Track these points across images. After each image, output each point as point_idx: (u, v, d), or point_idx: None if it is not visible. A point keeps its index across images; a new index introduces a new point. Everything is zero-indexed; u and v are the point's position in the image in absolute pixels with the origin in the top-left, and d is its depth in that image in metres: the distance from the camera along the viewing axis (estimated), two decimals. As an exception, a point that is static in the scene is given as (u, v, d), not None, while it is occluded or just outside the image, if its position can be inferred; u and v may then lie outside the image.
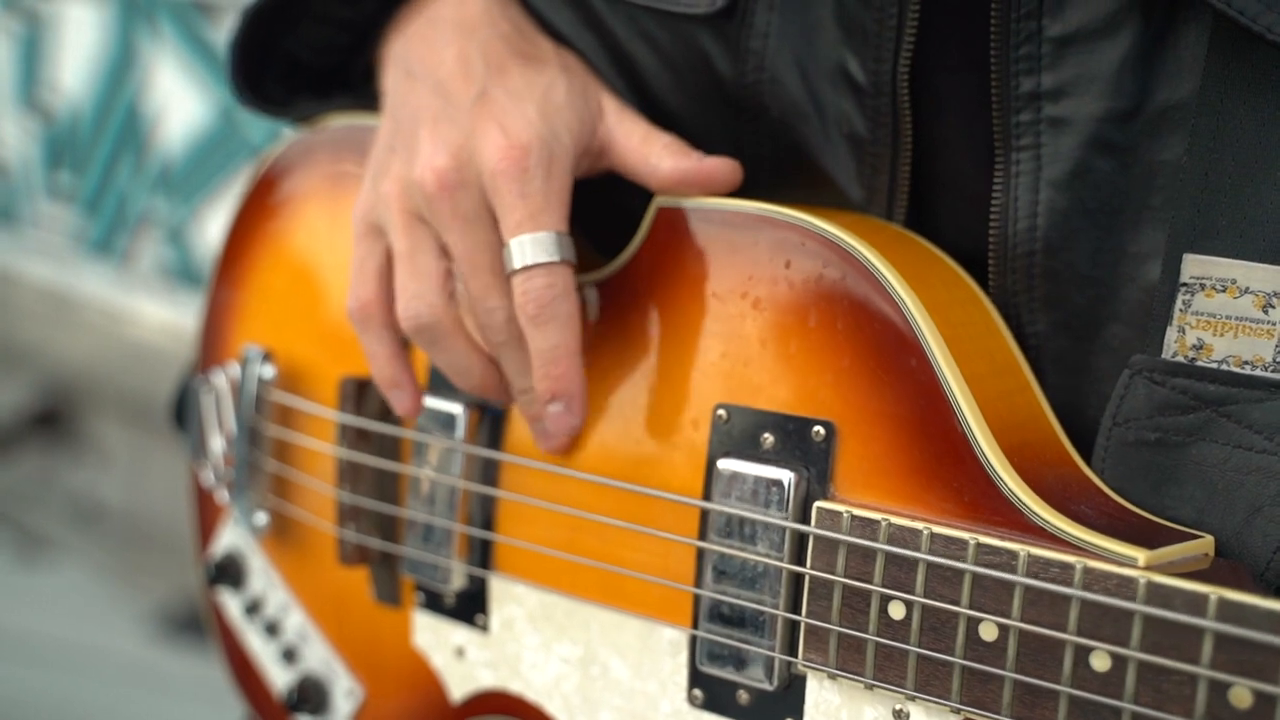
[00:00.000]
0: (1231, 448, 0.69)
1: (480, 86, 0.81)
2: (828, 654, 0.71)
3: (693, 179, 0.79)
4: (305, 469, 0.98)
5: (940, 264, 0.77)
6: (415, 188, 0.80)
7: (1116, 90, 0.72)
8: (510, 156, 0.77)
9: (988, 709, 0.66)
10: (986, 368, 0.72)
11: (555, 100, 0.80)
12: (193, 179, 3.77)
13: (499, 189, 0.78)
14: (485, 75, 0.81)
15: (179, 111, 3.75)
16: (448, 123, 0.80)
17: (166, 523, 3.55)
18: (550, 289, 0.78)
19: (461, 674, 0.90)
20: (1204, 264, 0.70)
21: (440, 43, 0.85)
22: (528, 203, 0.77)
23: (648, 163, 0.80)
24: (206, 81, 3.67)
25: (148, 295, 3.95)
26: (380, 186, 0.83)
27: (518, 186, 0.77)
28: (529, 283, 0.78)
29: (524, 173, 0.77)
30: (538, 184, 0.78)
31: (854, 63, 0.78)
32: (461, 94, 0.81)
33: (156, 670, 2.96)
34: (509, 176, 0.77)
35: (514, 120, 0.78)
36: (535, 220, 0.77)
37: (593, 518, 0.81)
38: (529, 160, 0.77)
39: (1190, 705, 0.61)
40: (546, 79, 0.81)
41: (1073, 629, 0.64)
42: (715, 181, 0.79)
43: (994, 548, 0.66)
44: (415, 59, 0.86)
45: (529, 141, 0.78)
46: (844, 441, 0.72)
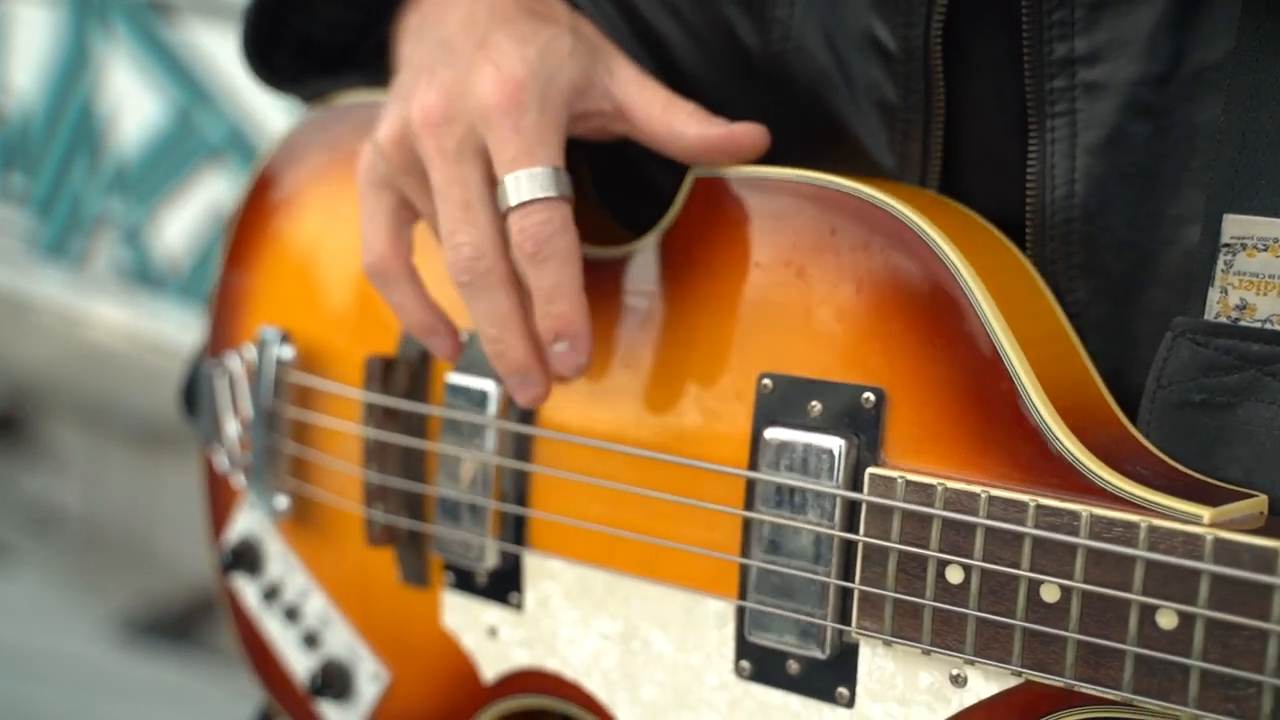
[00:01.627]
0: (1279, 407, 0.70)
1: (482, 34, 0.80)
2: (883, 621, 0.71)
3: (720, 146, 0.79)
4: (327, 450, 0.97)
5: (983, 229, 0.77)
6: (407, 129, 0.79)
7: (1151, 53, 0.72)
8: (504, 90, 0.76)
9: (1050, 670, 0.66)
10: (1037, 332, 0.72)
11: (558, 49, 0.79)
12: (149, 180, 3.72)
13: (491, 123, 0.77)
14: (487, 25, 0.80)
15: (134, 111, 3.71)
16: (445, 67, 0.79)
17: (125, 527, 3.52)
18: (548, 224, 0.76)
19: (494, 654, 0.89)
20: (1245, 224, 0.71)
21: (451, 5, 0.84)
22: (522, 137, 0.76)
23: (671, 130, 0.80)
24: (162, 81, 3.62)
25: (104, 298, 3.90)
26: (376, 137, 0.82)
27: (511, 120, 0.76)
28: (526, 219, 0.76)
29: (518, 106, 0.76)
30: (532, 117, 0.76)
31: (883, 29, 0.78)
32: (463, 43, 0.80)
33: (119, 675, 2.92)
34: (502, 110, 0.76)
35: (509, 58, 0.77)
36: (531, 155, 0.76)
37: (635, 490, 0.81)
38: (523, 95, 0.76)
39: (1261, 660, 0.61)
40: (552, 31, 0.80)
41: (1138, 588, 0.64)
42: (743, 148, 0.79)
43: (1055, 509, 0.66)
44: (428, 24, 0.86)
45: (523, 77, 0.76)
46: (894, 408, 0.72)
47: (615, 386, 0.82)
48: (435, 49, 0.81)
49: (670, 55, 0.85)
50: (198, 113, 3.56)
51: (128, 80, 3.69)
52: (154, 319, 3.78)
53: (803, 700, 0.75)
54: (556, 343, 0.77)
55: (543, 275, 0.76)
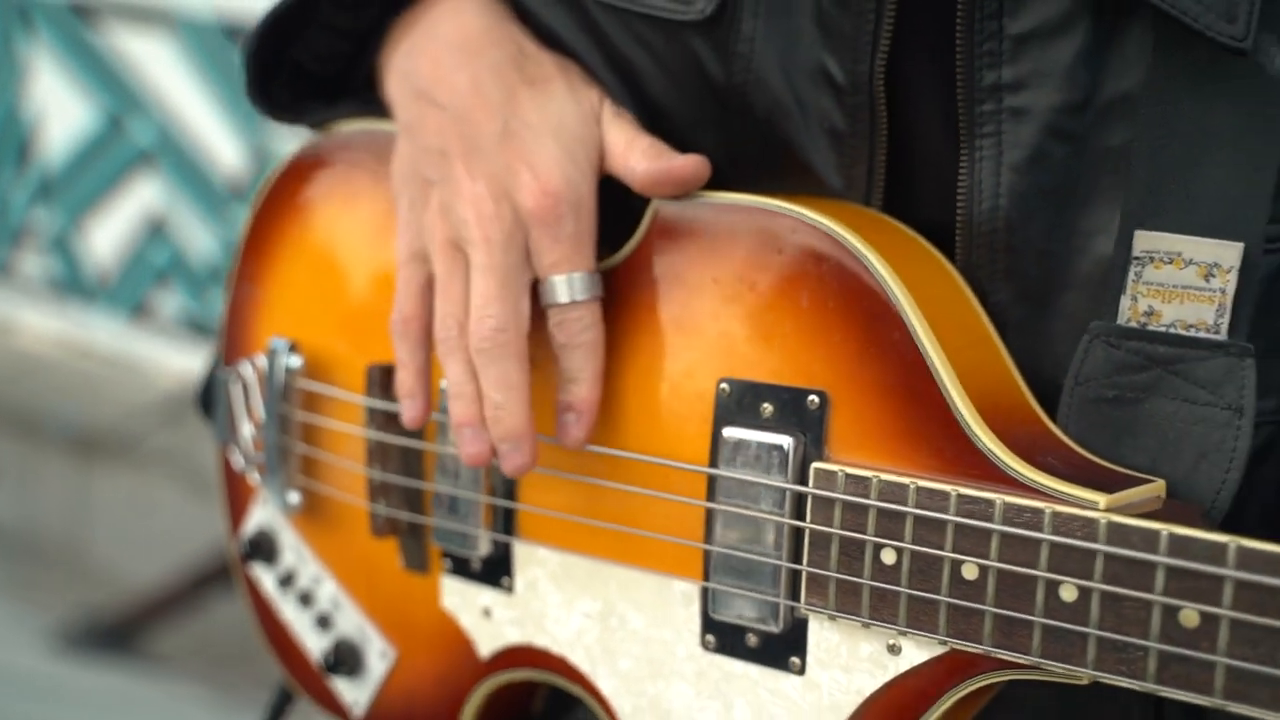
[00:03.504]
0: (1180, 401, 0.78)
1: (502, 121, 0.89)
2: (828, 598, 0.80)
3: (663, 179, 0.88)
4: (334, 450, 1.06)
5: (915, 244, 0.85)
6: (459, 221, 0.89)
7: (1070, 83, 0.81)
8: (544, 204, 0.87)
9: (971, 639, 0.75)
10: (961, 339, 0.81)
11: (570, 128, 0.89)
12: (76, 187, 3.76)
13: (535, 234, 0.88)
14: (502, 105, 0.89)
15: (60, 117, 3.73)
16: (479, 158, 0.89)
17: (60, 537, 3.55)
18: (582, 320, 0.88)
19: (489, 632, 0.99)
20: (1153, 239, 0.79)
21: (449, 66, 0.92)
22: (562, 245, 0.87)
23: (627, 165, 0.89)
24: (89, 86, 3.65)
25: (32, 306, 3.93)
26: (423, 217, 0.92)
27: (553, 231, 0.87)
28: (567, 314, 0.88)
29: (558, 220, 0.87)
30: (570, 228, 0.87)
31: (833, 63, 0.86)
32: (485, 127, 0.90)
33: (59, 686, 2.96)
34: (544, 223, 0.87)
35: (540, 160, 0.88)
36: (571, 261, 0.88)
37: (609, 485, 0.90)
38: (562, 207, 0.87)
39: (1146, 628, 0.70)
40: (556, 104, 0.89)
41: (1044, 566, 0.73)
42: (685, 180, 0.88)
43: (973, 498, 0.75)
44: (425, 80, 0.94)
45: (559, 189, 0.87)
46: (836, 409, 0.81)
47: (590, 391, 0.91)
48: (455, 126, 0.90)
49: (640, 84, 0.93)
50: (128, 117, 3.60)
51: (53, 85, 3.72)
52: (84, 327, 3.83)
53: (761, 669, 0.85)
54: (566, 414, 0.88)
55: (569, 360, 0.88)
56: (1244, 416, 0.77)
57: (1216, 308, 0.78)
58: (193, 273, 3.67)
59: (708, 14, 0.88)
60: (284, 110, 1.10)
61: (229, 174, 3.53)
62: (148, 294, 3.79)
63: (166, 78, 3.55)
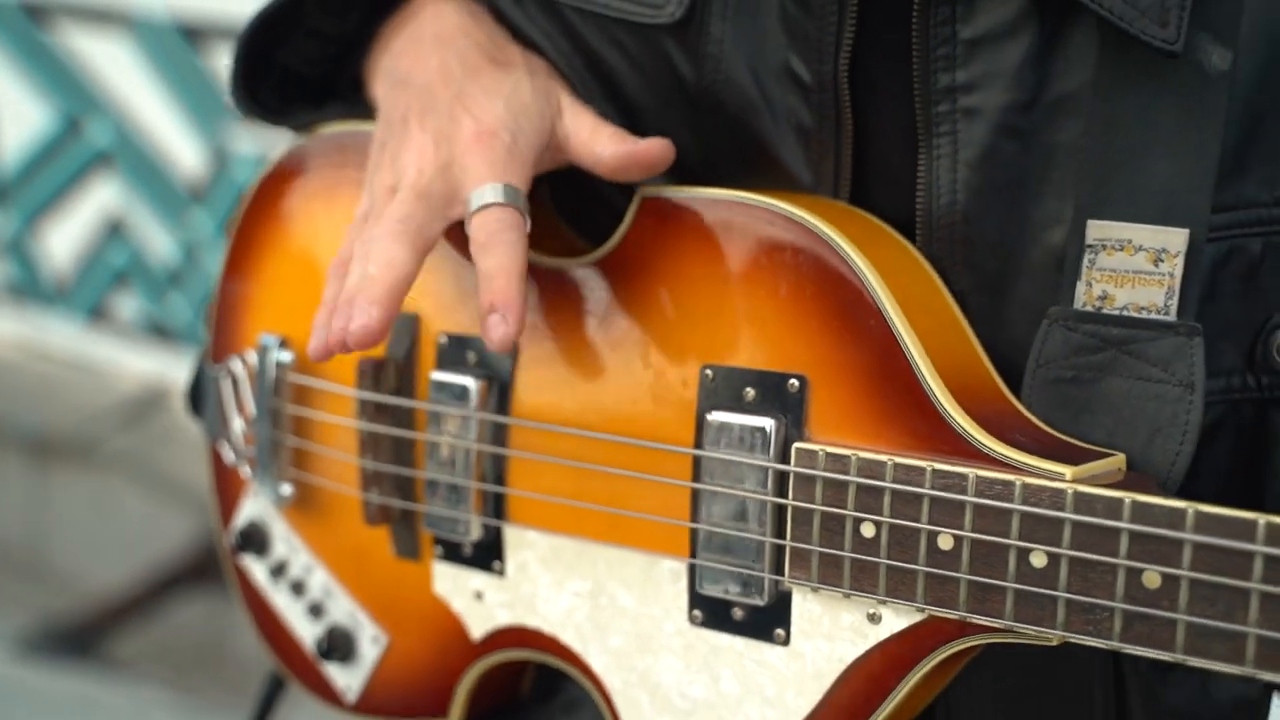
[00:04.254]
0: (1134, 380, 0.83)
1: (458, 87, 0.93)
2: (810, 571, 0.85)
3: (630, 161, 0.92)
4: (325, 442, 1.09)
5: (886, 235, 0.90)
6: (400, 168, 0.93)
7: (1018, 83, 0.85)
8: (480, 135, 0.91)
9: (947, 606, 0.80)
10: (932, 323, 0.85)
11: (521, 98, 0.93)
12: (32, 189, 3.73)
13: (467, 162, 0.90)
14: (462, 78, 0.94)
15: (14, 119, 3.70)
16: (430, 115, 0.93)
17: (20, 542, 3.54)
18: (500, 221, 0.89)
19: (481, 615, 1.02)
20: (1104, 228, 0.84)
21: (424, 54, 0.98)
22: (491, 168, 0.90)
23: (593, 152, 0.93)
24: (44, 87, 3.63)
25: None
26: (374, 179, 0.95)
27: (486, 155, 0.90)
28: (484, 216, 0.89)
29: (490, 148, 0.90)
30: (501, 155, 0.90)
31: (799, 63, 0.90)
32: (442, 93, 0.94)
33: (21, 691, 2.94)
34: (476, 150, 0.90)
35: (484, 111, 0.91)
36: (495, 174, 0.90)
37: (598, 469, 0.94)
38: (496, 140, 0.91)
39: (1112, 589, 0.75)
40: (513, 80, 0.94)
41: (1015, 535, 0.77)
42: (651, 160, 0.92)
43: (947, 472, 0.79)
44: (404, 70, 0.99)
45: (496, 128, 0.91)
46: (815, 391, 0.86)
47: (579, 379, 0.95)
48: (416, 96, 0.94)
49: (616, 83, 0.98)
50: (85, 118, 3.58)
51: (6, 87, 3.69)
52: (41, 330, 3.81)
53: (746, 641, 0.89)
54: (491, 314, 0.88)
55: (489, 258, 0.88)
56: (1195, 392, 0.82)
57: (1166, 290, 0.83)
58: (152, 275, 3.66)
59: (677, 17, 0.92)
60: (271, 113, 1.13)
61: (188, 175, 3.53)
62: (106, 296, 3.78)
63: (123, 78, 3.55)
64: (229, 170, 3.45)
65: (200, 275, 3.58)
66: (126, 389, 3.64)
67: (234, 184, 3.45)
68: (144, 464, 3.43)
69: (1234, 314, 0.86)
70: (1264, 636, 0.71)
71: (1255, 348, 0.87)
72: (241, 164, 3.41)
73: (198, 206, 3.53)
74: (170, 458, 3.41)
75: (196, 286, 3.59)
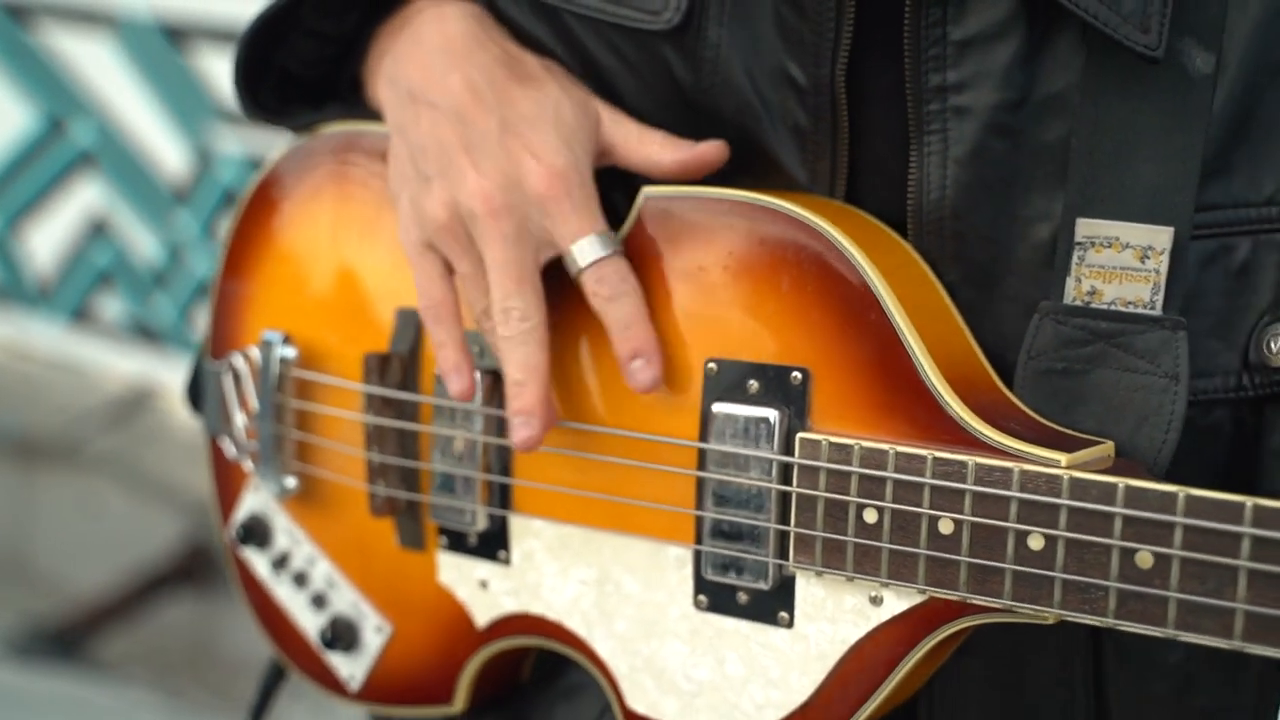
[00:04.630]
0: (1122, 371, 0.87)
1: (499, 117, 0.95)
2: (814, 555, 0.88)
3: (691, 164, 0.95)
4: (330, 435, 1.12)
5: (882, 232, 0.93)
6: (466, 213, 0.94)
7: (1007, 84, 0.89)
8: (554, 183, 0.93)
9: (948, 588, 0.84)
10: (929, 317, 0.89)
11: (566, 122, 0.95)
12: (15, 190, 3.72)
13: (549, 210, 0.93)
14: (497, 103, 0.95)
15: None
16: (481, 152, 0.94)
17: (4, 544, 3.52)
18: (618, 272, 0.93)
19: (486, 603, 1.05)
20: (1093, 226, 0.88)
21: (439, 69, 0.98)
22: (580, 214, 0.93)
23: (649, 159, 0.96)
24: (27, 87, 3.61)
25: None
26: (427, 211, 0.96)
27: (567, 204, 0.93)
28: (600, 271, 0.93)
29: (569, 194, 0.93)
30: (578, 196, 0.93)
31: (795, 67, 0.93)
32: (483, 124, 0.95)
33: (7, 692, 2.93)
34: (556, 199, 0.93)
35: (543, 148, 0.93)
36: (591, 225, 0.93)
37: (603, 459, 0.97)
38: (570, 183, 0.93)
39: (1107, 569, 0.79)
40: (551, 101, 0.95)
41: (1013, 519, 0.81)
42: (710, 162, 0.95)
43: (947, 460, 0.83)
44: (416, 83, 0.99)
45: (563, 168, 0.93)
46: (818, 384, 0.89)
47: (584, 373, 0.98)
48: (453, 124, 0.95)
49: (613, 87, 1.00)
50: (69, 118, 3.57)
51: None
52: (24, 331, 3.79)
53: (751, 624, 0.92)
54: (634, 360, 0.93)
55: (619, 310, 0.93)
56: (1180, 383, 0.86)
57: (1152, 286, 0.87)
58: (135, 275, 3.65)
59: (675, 24, 0.95)
60: (271, 114, 1.15)
61: (172, 176, 3.52)
62: (89, 297, 3.76)
63: (106, 79, 3.54)
64: (213, 171, 3.44)
65: (184, 276, 3.57)
66: (111, 390, 3.63)
67: (218, 185, 3.44)
68: (129, 465, 3.42)
69: (1224, 312, 0.90)
70: (1251, 612, 0.75)
71: (1248, 346, 0.90)
72: (225, 165, 3.40)
73: (181, 207, 3.52)
74: (155, 458, 3.41)
75: (181, 287, 3.58)
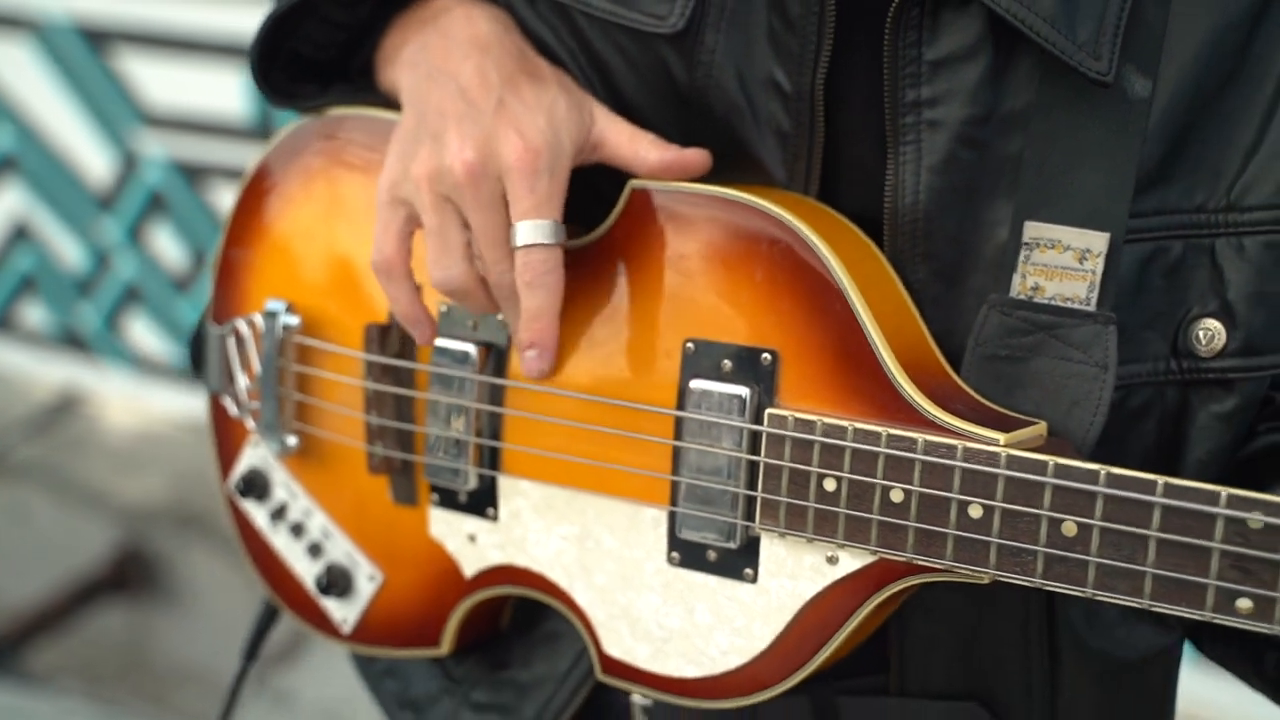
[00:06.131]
0: (1058, 360, 0.98)
1: (498, 95, 1.03)
2: (778, 519, 0.98)
3: (673, 165, 1.04)
4: (329, 398, 1.20)
5: (847, 228, 1.03)
6: (446, 174, 1.02)
7: (975, 100, 0.99)
8: (525, 157, 1.00)
9: (896, 549, 0.94)
10: (887, 307, 0.99)
11: (559, 113, 1.03)
12: None
13: (513, 182, 1.01)
14: (500, 86, 1.04)
15: None
16: (471, 122, 1.02)
17: None
18: (544, 264, 1.01)
19: (473, 555, 1.15)
20: (1039, 228, 0.98)
21: (458, 55, 1.07)
22: (535, 196, 1.01)
23: (638, 155, 1.05)
24: None
25: None
26: (410, 168, 1.04)
27: (529, 182, 1.00)
28: (528, 257, 1.01)
29: (535, 172, 1.00)
30: (544, 181, 1.01)
31: (781, 74, 1.03)
32: (482, 100, 1.03)
33: None
34: (522, 173, 1.00)
35: (528, 127, 1.01)
36: (539, 210, 1.01)
37: (588, 427, 1.06)
38: (540, 162, 1.01)
39: (1036, 536, 0.89)
40: (550, 95, 1.04)
41: (956, 490, 0.92)
42: (691, 167, 1.04)
43: (900, 436, 0.93)
44: (437, 64, 1.08)
45: (540, 146, 1.01)
46: (785, 365, 0.99)
47: (570, 348, 1.07)
48: (455, 98, 1.03)
49: (615, 82, 1.09)
50: None
51: None
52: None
53: (719, 579, 1.02)
54: (530, 350, 1.03)
55: (531, 298, 1.02)
56: (1108, 372, 0.97)
57: (1088, 285, 0.98)
58: (60, 281, 3.65)
59: (679, 28, 1.04)
60: (279, 94, 1.23)
61: (95, 180, 3.51)
62: (12, 304, 3.76)
63: (25, 83, 3.52)
64: (138, 175, 3.43)
65: (110, 281, 3.56)
66: (36, 397, 3.62)
67: (144, 189, 3.42)
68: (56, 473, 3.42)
69: (1159, 306, 1.00)
70: (1159, 575, 0.86)
71: (1177, 336, 1.01)
72: (151, 168, 3.38)
73: (105, 213, 3.51)
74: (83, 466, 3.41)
75: (106, 293, 3.58)
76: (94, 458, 3.37)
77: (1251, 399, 1.03)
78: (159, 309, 3.61)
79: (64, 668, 3.16)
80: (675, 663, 1.05)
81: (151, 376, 3.65)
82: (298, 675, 2.80)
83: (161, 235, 3.54)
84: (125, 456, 3.43)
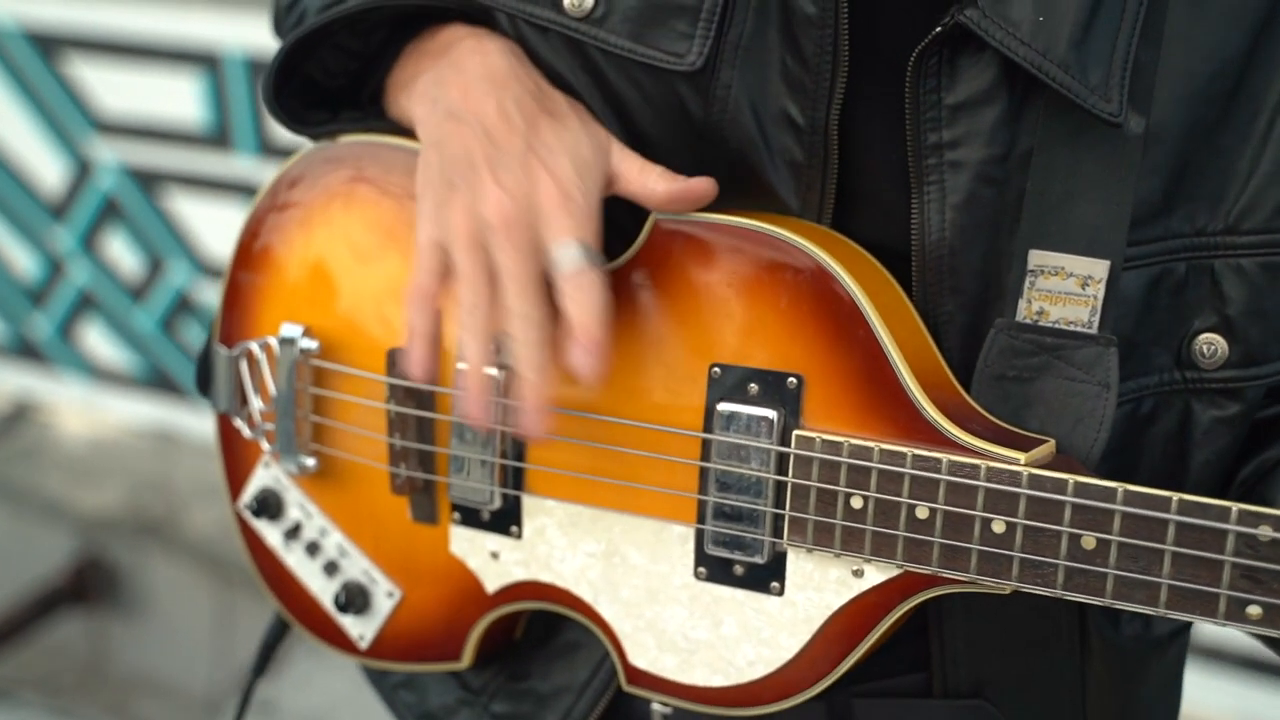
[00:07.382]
0: (1062, 380, 1.03)
1: (524, 140, 1.06)
2: (806, 535, 1.03)
3: (680, 196, 1.08)
4: (349, 420, 1.23)
5: (863, 256, 1.08)
6: (483, 224, 1.05)
7: (993, 141, 1.04)
8: (559, 197, 1.04)
9: (922, 563, 0.99)
10: (905, 332, 1.04)
11: (584, 153, 1.07)
12: None
13: (550, 218, 1.04)
14: (525, 129, 1.07)
15: None
16: (504, 169, 1.05)
17: None
18: (592, 284, 1.02)
19: (496, 571, 1.18)
20: (1043, 256, 1.03)
21: (478, 94, 1.10)
22: (573, 221, 1.04)
23: (646, 187, 1.08)
24: None
25: None
26: (447, 216, 1.06)
27: (564, 212, 1.04)
28: (575, 279, 1.03)
29: (570, 206, 1.04)
30: (580, 213, 1.04)
31: (795, 109, 1.07)
32: (508, 143, 1.06)
33: None
34: (558, 207, 1.04)
35: (558, 169, 1.05)
36: (579, 233, 1.04)
37: (614, 449, 1.10)
38: (573, 201, 1.04)
39: (1057, 550, 0.95)
40: (573, 134, 1.07)
41: (980, 507, 0.97)
42: (698, 197, 1.08)
43: (925, 457, 0.98)
44: (455, 104, 1.11)
45: (571, 189, 1.04)
46: (811, 388, 1.03)
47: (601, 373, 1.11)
48: (482, 141, 1.06)
49: (630, 116, 1.13)
50: None
51: None
52: None
53: (746, 593, 1.07)
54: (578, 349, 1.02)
55: (579, 303, 1.02)
56: (1110, 391, 1.02)
57: (1090, 309, 1.03)
58: (12, 290, 3.60)
59: (697, 66, 1.08)
60: (291, 118, 1.25)
61: (48, 188, 3.47)
62: None
63: None
64: (92, 182, 3.39)
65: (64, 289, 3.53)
66: None
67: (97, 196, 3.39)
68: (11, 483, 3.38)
69: (1165, 323, 1.07)
70: (1174, 585, 0.92)
71: (1181, 349, 1.07)
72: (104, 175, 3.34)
73: (58, 223, 3.48)
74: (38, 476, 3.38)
75: (60, 302, 3.55)
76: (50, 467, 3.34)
77: (1252, 404, 1.10)
78: (113, 317, 3.59)
79: (22, 680, 3.14)
80: (702, 673, 1.09)
81: (107, 385, 3.62)
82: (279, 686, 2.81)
83: (115, 243, 3.51)
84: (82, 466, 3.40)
